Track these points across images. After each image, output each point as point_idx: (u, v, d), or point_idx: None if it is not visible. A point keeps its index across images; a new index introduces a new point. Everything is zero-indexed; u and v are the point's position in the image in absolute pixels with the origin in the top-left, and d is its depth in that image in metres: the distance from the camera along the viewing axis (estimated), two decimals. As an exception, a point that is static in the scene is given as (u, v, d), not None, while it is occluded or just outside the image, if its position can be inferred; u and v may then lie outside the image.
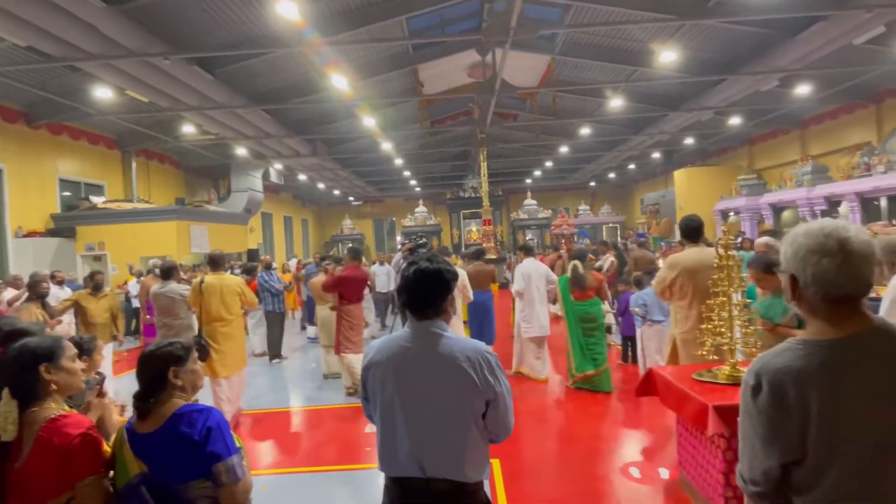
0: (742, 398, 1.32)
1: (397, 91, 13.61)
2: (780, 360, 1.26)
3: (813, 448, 1.21)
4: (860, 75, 11.19)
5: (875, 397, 1.20)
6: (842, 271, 1.22)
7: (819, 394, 1.20)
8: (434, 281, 1.75)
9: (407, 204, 28.80)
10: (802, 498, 1.25)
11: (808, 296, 1.28)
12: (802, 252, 1.26)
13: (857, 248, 1.23)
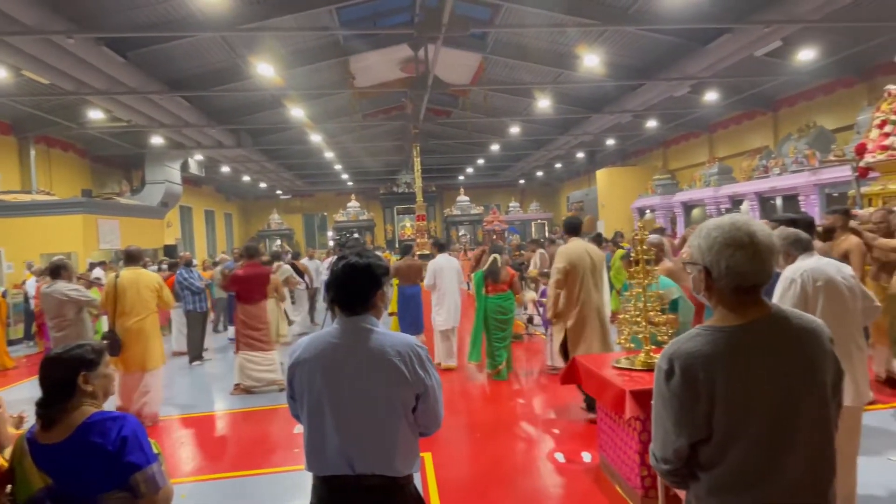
0: (656, 382, 1.39)
1: (328, 82, 13.28)
2: (691, 345, 1.34)
3: (718, 427, 1.30)
4: (760, 85, 12.29)
5: (773, 378, 1.30)
6: (753, 263, 1.32)
7: (725, 376, 1.29)
8: (363, 276, 1.73)
9: (339, 198, 28.24)
10: (709, 473, 1.34)
11: (719, 287, 1.36)
12: (717, 246, 1.33)
13: (764, 240, 1.33)
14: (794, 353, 1.33)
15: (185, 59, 10.06)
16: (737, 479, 1.31)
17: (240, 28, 8.64)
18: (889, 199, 5.93)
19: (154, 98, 10.55)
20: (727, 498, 1.32)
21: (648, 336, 3.53)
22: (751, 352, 1.31)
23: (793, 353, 1.33)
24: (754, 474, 1.30)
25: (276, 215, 27.31)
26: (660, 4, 8.46)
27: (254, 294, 6.20)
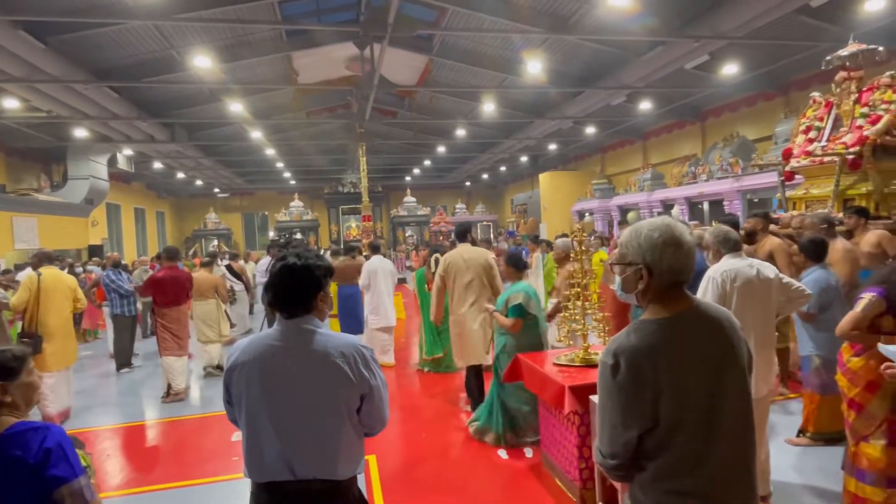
0: (601, 379, 1.43)
1: (269, 77, 12.88)
2: (633, 339, 1.41)
3: (664, 415, 1.36)
4: (689, 96, 13.04)
5: (704, 363, 1.40)
6: (688, 260, 1.44)
7: (666, 364, 1.37)
8: (303, 277, 1.70)
9: (281, 197, 27.45)
10: (654, 462, 1.40)
11: (658, 283, 1.44)
12: (659, 245, 1.43)
13: (691, 240, 1.46)
14: (719, 341, 1.44)
15: (113, 47, 9.46)
16: (681, 464, 1.38)
17: (175, 17, 8.24)
18: (812, 202, 6.18)
19: (78, 88, 9.85)
20: (672, 483, 1.39)
21: (586, 333, 3.68)
22: (684, 340, 1.40)
23: (717, 340, 1.44)
24: (694, 457, 1.38)
25: (213, 214, 26.18)
26: (598, 16, 8.81)
27: (173, 297, 6.12)
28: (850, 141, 5.66)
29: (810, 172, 6.33)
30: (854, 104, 5.97)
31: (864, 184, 5.68)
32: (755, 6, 7.58)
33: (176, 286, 6.17)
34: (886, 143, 5.54)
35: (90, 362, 8.25)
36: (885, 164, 5.66)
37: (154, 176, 21.25)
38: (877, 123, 5.58)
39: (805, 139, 6.41)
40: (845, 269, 4.24)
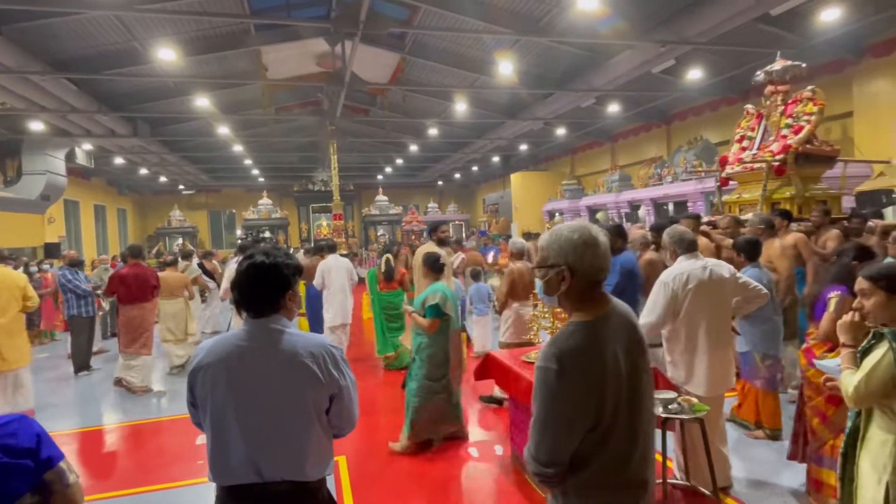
0: (543, 386, 1.40)
1: (237, 72, 12.60)
2: (572, 341, 1.42)
3: (605, 414, 1.39)
4: (656, 99, 13.37)
5: (627, 362, 1.45)
6: (606, 260, 1.51)
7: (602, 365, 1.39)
8: (270, 276, 1.67)
9: (249, 195, 26.89)
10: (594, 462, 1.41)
11: (579, 283, 1.48)
12: (580, 246, 1.47)
13: (606, 242, 1.52)
14: (633, 339, 1.50)
15: (72, 37, 9.09)
16: (618, 460, 1.43)
17: (137, 8, 7.97)
18: (744, 206, 6.65)
19: (34, 79, 9.43)
20: (614, 478, 1.43)
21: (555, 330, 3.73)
22: (612, 340, 1.44)
23: (632, 336, 1.51)
24: (627, 451, 1.44)
25: (177, 212, 25.43)
26: (569, 19, 8.94)
27: (137, 294, 6.11)
28: (777, 149, 6.16)
29: (743, 178, 6.81)
30: (780, 115, 6.54)
31: (788, 188, 6.17)
32: (719, 13, 7.83)
33: (140, 283, 6.17)
34: (807, 151, 6.11)
35: (47, 364, 7.93)
36: (806, 170, 6.21)
37: (115, 172, 20.51)
38: (799, 133, 6.13)
39: (739, 147, 6.95)
40: (784, 264, 4.49)
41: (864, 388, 1.83)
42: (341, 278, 6.74)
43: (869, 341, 1.86)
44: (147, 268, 6.49)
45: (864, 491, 1.87)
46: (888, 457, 1.78)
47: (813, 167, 6.30)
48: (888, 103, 9.55)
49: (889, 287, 1.87)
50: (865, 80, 9.92)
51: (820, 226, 5.46)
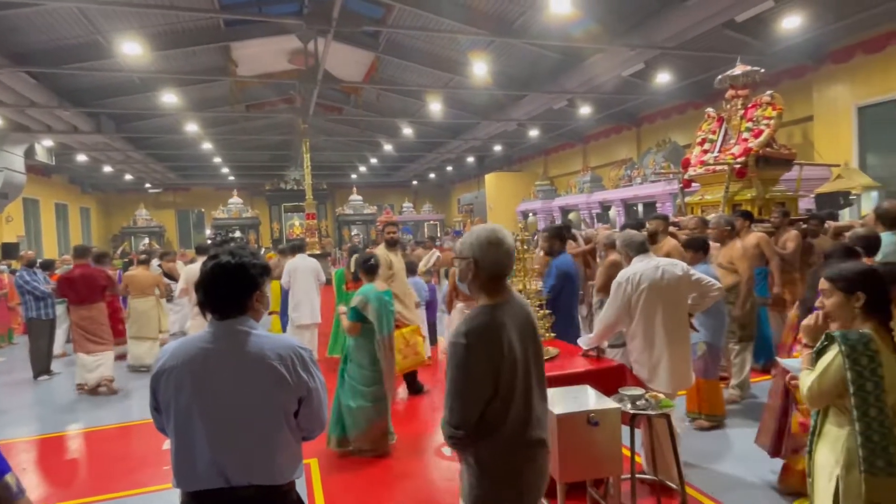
0: (454, 359, 1.68)
1: (206, 68, 12.31)
2: (478, 321, 1.71)
3: (502, 383, 1.68)
4: (626, 102, 13.63)
5: (522, 340, 1.75)
6: (506, 257, 1.80)
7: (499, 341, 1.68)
8: (237, 277, 1.63)
9: (219, 194, 26.33)
10: (502, 425, 1.69)
11: (483, 274, 1.78)
12: (485, 244, 1.77)
13: (511, 243, 1.83)
14: (526, 322, 1.81)
15: (32, 30, 8.74)
16: (520, 421, 1.72)
17: (101, 0, 7.72)
18: (707, 207, 6.81)
19: (-12, 71, 9.05)
20: (520, 437, 1.73)
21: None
22: (510, 321, 1.74)
23: (526, 321, 1.81)
24: (527, 413, 1.74)
25: (143, 211, 24.73)
26: (542, 21, 9.04)
27: (85, 295, 6.07)
28: (738, 152, 6.33)
29: (705, 180, 6.97)
30: (741, 119, 6.71)
31: (749, 190, 6.37)
32: (686, 19, 8.03)
33: (88, 284, 6.12)
34: (767, 154, 6.30)
35: (3, 368, 7.62)
36: (766, 172, 6.42)
37: (78, 169, 19.82)
38: (759, 137, 6.32)
39: (701, 150, 7.10)
40: (744, 264, 4.61)
41: (817, 389, 1.90)
42: (306, 279, 6.71)
43: (822, 342, 1.93)
44: (95, 268, 6.42)
45: (818, 484, 1.94)
46: (840, 451, 1.85)
47: (772, 170, 6.52)
48: (846, 108, 9.95)
49: (846, 288, 1.93)
50: (825, 85, 10.31)
51: (779, 227, 5.64)
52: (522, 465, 1.75)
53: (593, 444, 2.56)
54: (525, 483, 1.76)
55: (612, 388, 3.05)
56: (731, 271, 4.69)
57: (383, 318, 4.11)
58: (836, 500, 1.84)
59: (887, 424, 1.79)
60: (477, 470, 1.74)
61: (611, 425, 2.58)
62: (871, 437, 1.80)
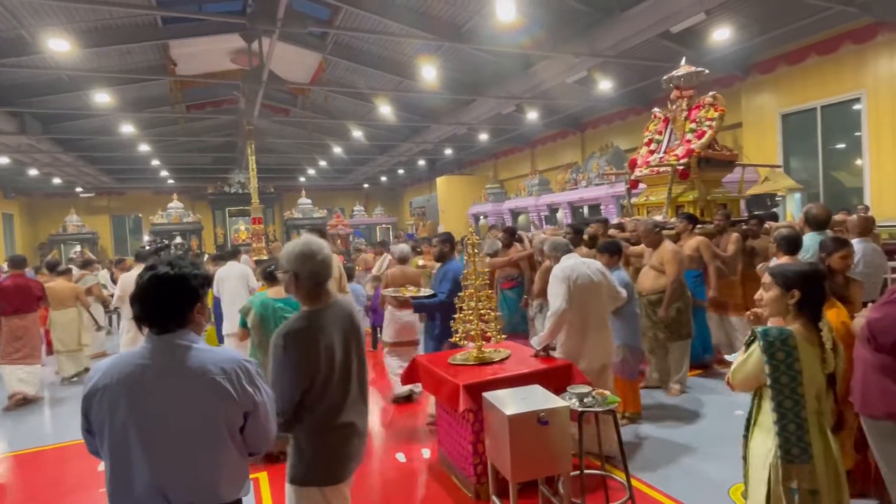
0: (275, 357, 1.93)
1: (142, 67, 11.73)
2: (297, 324, 1.98)
3: (320, 376, 1.95)
4: (571, 108, 14.05)
5: (340, 339, 2.03)
6: (322, 266, 2.05)
7: (319, 341, 1.96)
8: (176, 289, 1.56)
9: (157, 198, 25.10)
10: (316, 411, 1.97)
11: (304, 284, 2.01)
12: (301, 257, 2.01)
13: (327, 253, 2.07)
14: (347, 324, 2.09)
15: (-61, 20, 8.06)
16: (335, 408, 2.01)
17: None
18: (652, 208, 6.94)
19: None
20: (333, 422, 2.00)
21: (479, 333, 3.80)
22: (329, 325, 2.00)
23: (347, 324, 2.09)
24: (342, 401, 2.03)
25: (74, 216, 23.22)
26: (489, 27, 9.18)
27: (18, 305, 6.00)
28: (681, 153, 6.40)
29: (650, 181, 7.06)
30: (685, 120, 6.77)
31: (692, 192, 6.47)
32: (625, 29, 8.38)
33: (22, 294, 6.04)
34: (709, 155, 6.42)
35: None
36: (708, 174, 6.55)
37: (0, 172, 18.41)
38: (702, 138, 6.40)
39: (647, 151, 7.15)
40: (673, 267, 4.76)
41: (738, 377, 2.07)
42: (234, 286, 6.53)
43: (749, 337, 2.06)
44: (31, 279, 6.40)
45: (753, 471, 2.06)
46: (773, 440, 1.98)
47: (714, 171, 6.61)
48: (771, 115, 10.67)
49: (784, 284, 2.07)
50: (752, 94, 11.02)
51: (722, 229, 5.74)
52: (335, 446, 2.02)
53: (544, 442, 2.62)
54: (336, 461, 2.02)
55: (562, 387, 3.14)
56: (661, 272, 4.82)
57: (271, 325, 4.05)
58: (769, 486, 1.96)
59: (803, 415, 1.93)
60: (296, 450, 2.01)
61: (560, 424, 2.65)
62: (787, 426, 1.93)
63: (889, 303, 2.13)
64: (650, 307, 4.89)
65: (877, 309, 2.18)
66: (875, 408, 2.22)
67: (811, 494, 1.91)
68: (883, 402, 2.19)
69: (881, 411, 2.20)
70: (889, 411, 2.16)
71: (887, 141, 8.92)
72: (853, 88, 9.31)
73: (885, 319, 2.10)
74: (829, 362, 1.96)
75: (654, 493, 3.35)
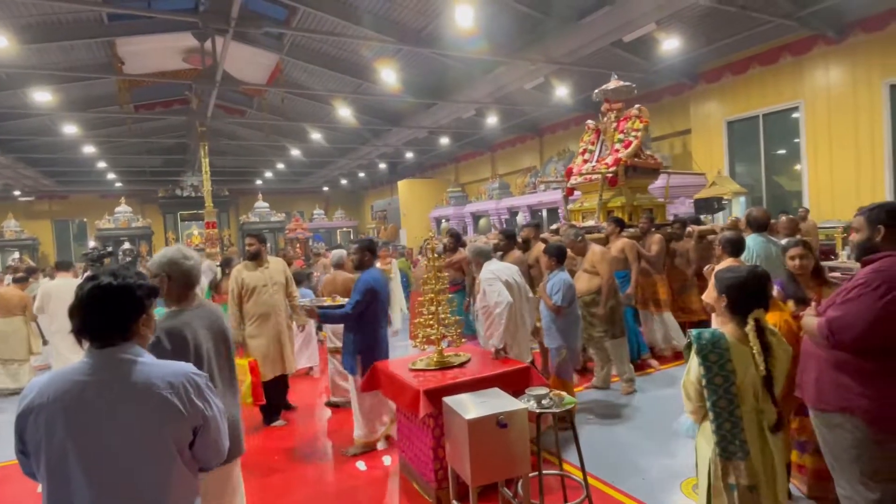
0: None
1: (87, 64, 11.20)
2: (167, 323, 2.16)
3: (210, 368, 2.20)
4: (529, 113, 14.29)
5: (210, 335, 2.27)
6: (192, 270, 2.32)
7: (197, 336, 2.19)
8: (120, 300, 1.49)
9: (104, 202, 23.99)
10: None
11: (174, 286, 2.26)
12: (168, 263, 2.25)
13: (196, 258, 2.31)
14: (217, 324, 2.33)
15: None
16: None
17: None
18: (587, 213, 7.32)
19: None
20: None
21: (440, 337, 3.81)
22: (198, 321, 2.24)
23: (216, 324, 2.33)
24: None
25: (12, 221, 21.87)
26: (449, 32, 9.24)
27: None
28: (611, 162, 6.88)
29: (584, 188, 7.51)
30: (614, 131, 7.27)
31: (619, 198, 6.93)
32: (580, 37, 8.61)
33: None
34: (635, 163, 6.90)
35: None
36: (634, 181, 7.03)
37: (-76, 174, 17.17)
38: (629, 148, 6.89)
39: (581, 160, 7.61)
40: (605, 266, 4.95)
41: (688, 390, 2.15)
42: None
43: (687, 341, 2.17)
44: None
45: (700, 466, 2.15)
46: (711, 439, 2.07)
47: (640, 178, 7.10)
48: (717, 122, 11.17)
49: (718, 289, 2.20)
50: (700, 102, 11.51)
51: (646, 231, 6.08)
52: None
53: (503, 445, 2.64)
54: None
55: (521, 389, 3.18)
56: (594, 274, 5.00)
57: None
58: (710, 481, 2.06)
59: (738, 414, 2.01)
60: None
61: (519, 426, 2.68)
62: (723, 425, 2.02)
63: (847, 301, 2.19)
64: (585, 308, 5.05)
65: (835, 308, 2.23)
66: (828, 402, 2.29)
67: (749, 490, 1.99)
68: (837, 395, 2.25)
69: (834, 406, 2.26)
70: (842, 405, 2.23)
71: (823, 148, 9.50)
72: (792, 98, 9.87)
73: (846, 317, 2.16)
74: (759, 364, 2.01)
75: (610, 490, 3.44)
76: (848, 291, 2.22)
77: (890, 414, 2.14)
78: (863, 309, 2.12)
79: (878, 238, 2.22)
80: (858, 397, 2.18)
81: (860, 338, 2.13)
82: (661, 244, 5.88)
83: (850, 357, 2.21)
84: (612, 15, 8.03)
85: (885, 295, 2.08)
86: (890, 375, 2.15)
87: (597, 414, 4.67)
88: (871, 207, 2.30)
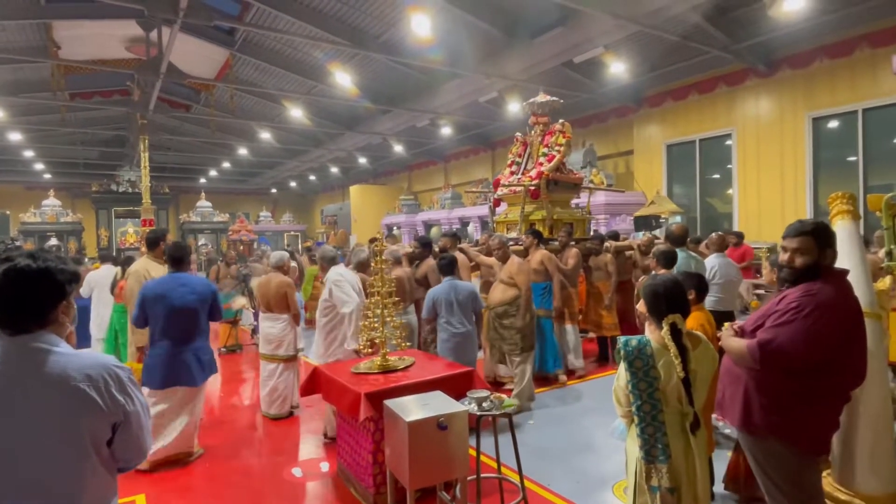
0: None
1: (19, 46, 10.47)
2: None
3: None
4: (483, 126, 14.54)
5: None
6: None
7: None
8: (38, 284, 1.39)
9: (30, 193, 22.40)
10: None
11: None
12: None
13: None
14: None
15: None
16: None
17: None
18: (511, 225, 7.39)
19: None
20: None
21: (384, 340, 3.78)
22: None
23: None
24: None
25: (-79, 210, 20.04)
26: (407, 40, 9.30)
27: None
28: (534, 175, 6.99)
29: (510, 200, 7.59)
30: (539, 144, 7.43)
31: (541, 211, 7.03)
32: (533, 55, 8.88)
33: None
34: (557, 177, 7.05)
35: None
36: (555, 195, 7.16)
37: None
38: (552, 162, 7.04)
39: (509, 172, 7.70)
40: (522, 277, 5.01)
41: (619, 396, 2.23)
42: (99, 291, 6.45)
43: (618, 348, 2.25)
44: None
45: (629, 468, 2.24)
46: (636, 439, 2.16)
47: (562, 193, 7.21)
48: (658, 145, 11.75)
49: (645, 299, 2.29)
50: (643, 124, 12.09)
51: (565, 245, 6.19)
52: None
53: (443, 447, 2.65)
54: None
55: (464, 393, 3.20)
56: (511, 285, 5.03)
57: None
58: (636, 482, 2.14)
59: (660, 419, 2.09)
60: None
61: (459, 428, 2.70)
62: (646, 429, 2.10)
63: (780, 325, 2.14)
64: (497, 319, 5.05)
65: (767, 331, 2.17)
66: (758, 428, 2.21)
67: (670, 492, 2.07)
68: (765, 419, 2.18)
69: (765, 430, 2.19)
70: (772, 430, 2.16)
71: (752, 173, 10.18)
72: (726, 125, 10.55)
73: (778, 340, 2.12)
74: (677, 367, 2.08)
75: (545, 493, 3.51)
76: (781, 314, 2.16)
77: (820, 434, 2.18)
78: (796, 333, 2.09)
79: (826, 262, 2.19)
80: (788, 420, 2.15)
81: (793, 360, 2.11)
82: (577, 258, 5.97)
83: (775, 378, 2.17)
84: (564, 36, 8.34)
85: (819, 320, 2.07)
86: (819, 395, 2.15)
87: (536, 417, 4.77)
88: (814, 229, 2.20)
